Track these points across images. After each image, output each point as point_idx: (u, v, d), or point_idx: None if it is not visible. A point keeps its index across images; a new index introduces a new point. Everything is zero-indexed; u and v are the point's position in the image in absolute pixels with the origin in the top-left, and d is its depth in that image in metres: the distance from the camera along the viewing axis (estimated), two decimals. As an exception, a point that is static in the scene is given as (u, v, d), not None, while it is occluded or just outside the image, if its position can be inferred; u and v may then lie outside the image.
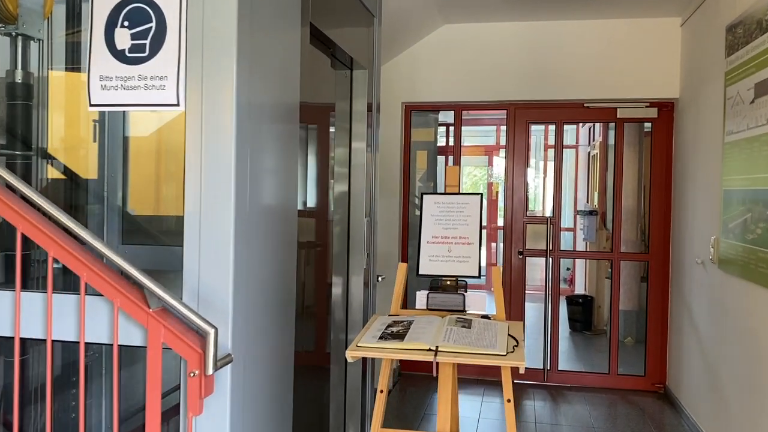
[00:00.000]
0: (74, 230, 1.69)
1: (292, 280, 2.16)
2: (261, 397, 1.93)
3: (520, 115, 4.86)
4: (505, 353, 1.78)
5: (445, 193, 2.31)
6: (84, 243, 1.71)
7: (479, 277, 2.19)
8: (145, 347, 1.68)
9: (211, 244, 1.74)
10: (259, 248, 1.90)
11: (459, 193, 2.31)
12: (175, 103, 1.77)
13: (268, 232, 1.98)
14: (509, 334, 1.95)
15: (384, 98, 4.88)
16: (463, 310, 2.15)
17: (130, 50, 1.78)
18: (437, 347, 1.80)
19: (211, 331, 1.60)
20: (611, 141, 7.92)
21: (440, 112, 7.95)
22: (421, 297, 2.19)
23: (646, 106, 4.67)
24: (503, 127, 8.98)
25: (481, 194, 2.29)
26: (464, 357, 1.78)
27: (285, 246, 2.12)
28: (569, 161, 9.53)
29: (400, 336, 1.90)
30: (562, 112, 4.80)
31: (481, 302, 2.16)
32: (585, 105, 4.74)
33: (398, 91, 4.91)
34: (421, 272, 2.24)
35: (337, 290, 3.19)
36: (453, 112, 5.01)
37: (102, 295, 1.71)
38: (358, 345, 1.86)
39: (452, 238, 2.26)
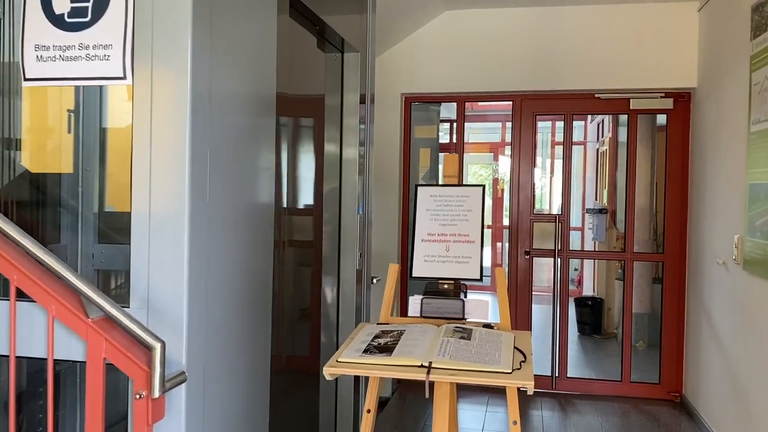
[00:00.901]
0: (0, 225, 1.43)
1: (267, 282, 1.90)
2: (227, 420, 1.66)
3: (527, 107, 4.58)
4: (510, 370, 1.51)
5: (442, 185, 2.04)
6: (17, 242, 1.45)
7: (481, 279, 1.92)
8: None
9: (162, 244, 1.48)
10: (224, 248, 1.64)
11: (458, 185, 2.04)
12: (121, 75, 1.51)
13: (237, 231, 1.73)
14: (515, 347, 1.68)
15: (382, 90, 4.62)
16: (463, 318, 1.88)
17: (70, 14, 1.52)
18: (431, 363, 1.53)
19: (157, 346, 1.34)
20: (621, 138, 7.63)
21: (442, 107, 7.68)
22: (414, 303, 1.92)
23: (661, 97, 4.38)
24: (509, 124, 8.69)
25: (483, 186, 2.01)
26: (462, 375, 1.51)
27: (259, 245, 1.86)
28: (577, 158, 9.23)
29: (387, 349, 1.63)
30: (572, 104, 4.52)
31: (483, 309, 1.89)
32: (596, 96, 4.46)
33: (397, 81, 4.64)
34: (414, 274, 1.97)
35: (327, 293, 2.93)
36: (455, 104, 4.73)
37: (37, 302, 1.45)
38: (338, 360, 1.59)
39: (450, 235, 1.99)
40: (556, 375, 4.57)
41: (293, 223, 2.63)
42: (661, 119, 6.69)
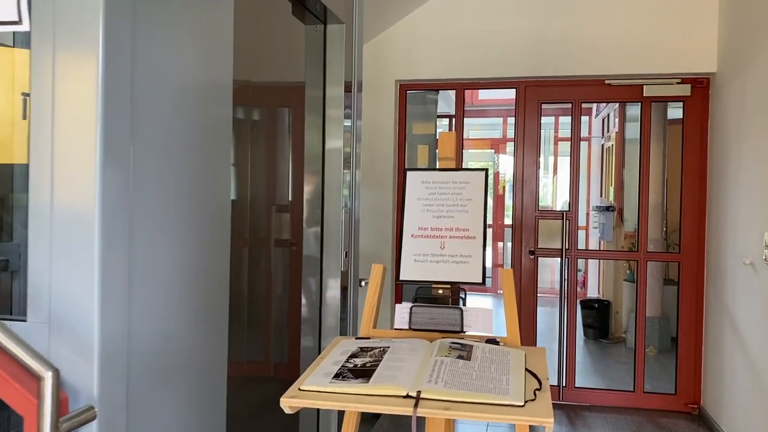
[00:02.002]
0: None
1: (221, 287, 1.55)
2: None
3: (531, 95, 4.23)
4: (522, 403, 1.16)
5: (436, 169, 1.70)
6: None
7: (483, 283, 1.57)
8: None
9: (68, 243, 1.13)
10: (161, 250, 1.30)
11: (456, 169, 1.69)
12: (16, 19, 1.16)
13: (183, 231, 1.38)
14: (527, 369, 1.33)
15: (375, 76, 4.27)
16: (461, 331, 1.53)
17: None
18: (419, 393, 1.18)
19: (46, 375, 1.00)
20: (629, 133, 7.29)
21: (440, 101, 7.32)
22: (401, 312, 1.57)
23: (677, 83, 4.04)
24: (510, 119, 8.34)
25: (487, 170, 1.67)
26: (460, 409, 1.16)
27: (212, 246, 1.51)
28: (582, 154, 8.88)
29: (365, 373, 1.28)
30: (580, 91, 4.17)
31: (486, 319, 1.54)
32: (606, 82, 4.12)
33: (391, 67, 4.29)
34: (402, 277, 1.62)
35: (308, 297, 2.58)
36: (454, 93, 4.38)
37: None
38: (301, 388, 1.25)
39: (446, 230, 1.64)
40: (563, 385, 4.22)
41: (265, 221, 2.28)
42: (673, 113, 6.36)
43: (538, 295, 4.30)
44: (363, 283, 2.81)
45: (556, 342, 4.28)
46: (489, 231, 8.97)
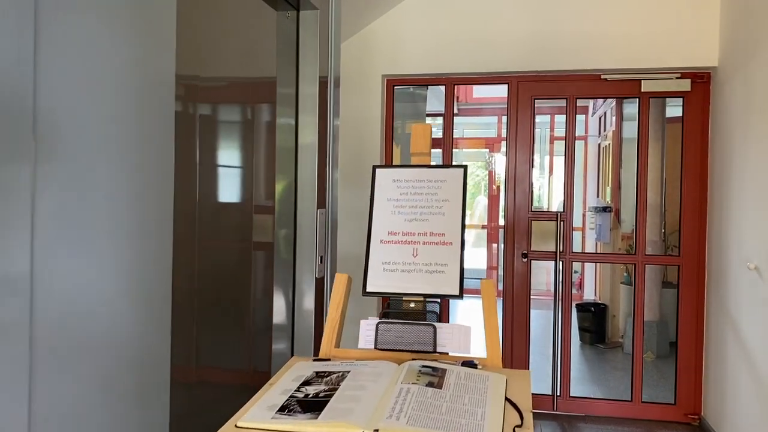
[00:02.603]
0: None
1: (161, 296, 1.36)
2: None
3: (524, 90, 4.04)
4: (499, 445, 0.97)
5: (408, 166, 1.50)
6: None
7: (460, 296, 1.38)
8: None
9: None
10: (70, 256, 1.10)
11: (431, 166, 1.50)
12: None
13: (105, 235, 1.19)
14: (507, 399, 1.13)
15: (360, 71, 4.08)
16: (434, 351, 1.34)
17: None
18: (376, 432, 0.99)
19: None
20: (626, 132, 7.11)
21: (430, 100, 7.12)
22: (366, 329, 1.37)
23: (677, 78, 3.85)
24: (505, 118, 8.18)
25: (465, 167, 1.47)
26: (424, 452, 0.97)
27: (146, 250, 1.31)
28: (577, 154, 8.70)
29: (316, 406, 1.09)
30: (575, 86, 3.98)
31: (464, 337, 1.34)
32: (602, 77, 3.93)
33: (378, 62, 4.10)
34: (369, 289, 1.42)
35: (279, 305, 2.38)
36: (444, 88, 4.19)
37: None
38: (238, 425, 1.05)
39: (420, 234, 1.45)
40: (558, 394, 4.03)
41: (230, 222, 2.09)
42: (671, 111, 6.17)
43: (532, 297, 4.11)
44: (341, 290, 2.61)
45: (550, 347, 4.09)
46: (483, 232, 8.77)
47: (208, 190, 1.86)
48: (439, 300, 1.43)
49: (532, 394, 4.24)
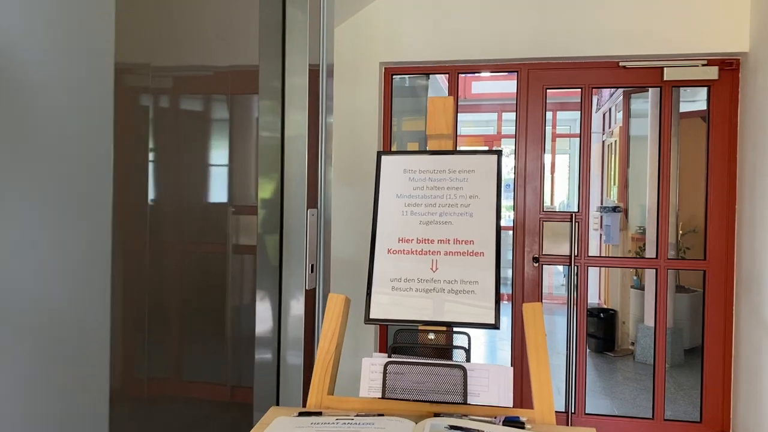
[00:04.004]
0: None
1: (98, 302, 1.01)
2: None
3: (535, 79, 3.70)
4: None
5: (425, 152, 1.15)
6: None
7: (497, 326, 1.03)
8: None
9: None
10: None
11: (455, 152, 1.15)
12: None
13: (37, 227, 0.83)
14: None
15: (356, 59, 3.73)
16: (464, 402, 0.98)
17: None
18: None
19: None
20: (633, 129, 6.79)
21: (429, 92, 6.77)
22: (372, 370, 1.02)
23: (703, 65, 3.52)
24: (506, 114, 7.82)
25: (500, 151, 1.12)
26: None
27: (85, 248, 0.96)
28: (576, 151, 8.39)
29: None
30: (590, 74, 3.65)
31: (503, 382, 0.99)
32: (620, 64, 3.59)
33: (375, 48, 3.75)
34: (373, 315, 1.07)
35: (262, 319, 2.03)
36: (447, 75, 3.85)
37: None
38: None
39: (440, 242, 1.10)
40: (572, 411, 3.69)
41: (203, 225, 1.73)
42: (685, 106, 5.85)
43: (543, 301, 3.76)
44: (336, 303, 2.26)
45: (559, 355, 3.76)
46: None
47: (165, 189, 1.50)
48: (467, 331, 1.08)
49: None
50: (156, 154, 1.48)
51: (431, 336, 1.06)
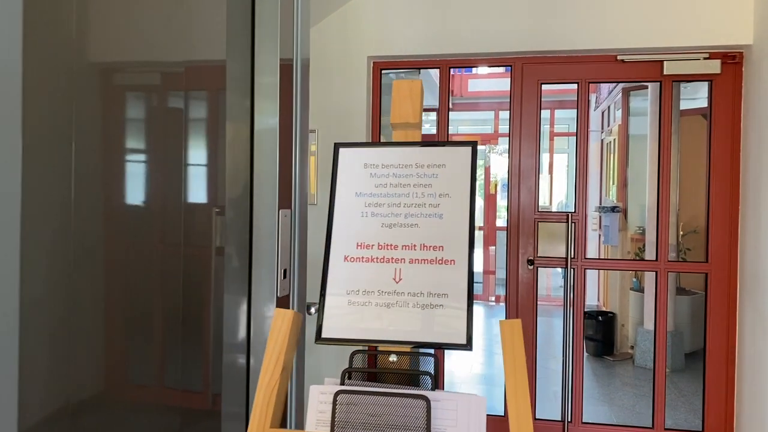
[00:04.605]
0: None
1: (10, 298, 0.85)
2: None
3: (530, 73, 3.55)
4: None
5: (388, 144, 1.00)
6: None
7: (469, 347, 0.88)
8: None
9: None
10: None
11: (423, 143, 1.00)
12: None
13: None
14: None
15: (343, 53, 3.58)
16: (428, 439, 0.83)
17: None
18: None
19: None
20: (632, 127, 6.64)
21: (423, 90, 6.62)
22: (319, 400, 0.87)
23: (705, 58, 3.37)
24: (502, 113, 7.68)
25: (475, 143, 0.97)
26: None
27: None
28: (574, 150, 8.24)
29: None
30: (587, 68, 3.50)
31: (475, 415, 0.84)
32: (619, 58, 3.44)
33: (363, 42, 3.60)
34: (325, 334, 0.92)
35: (232, 324, 1.88)
36: (438, 70, 3.70)
37: None
38: None
39: (405, 248, 0.95)
40: (569, 420, 3.53)
41: (165, 226, 1.57)
42: (685, 104, 5.70)
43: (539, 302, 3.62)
44: (313, 310, 2.12)
45: (555, 360, 3.61)
46: (479, 234, 8.28)
47: (119, 190, 1.35)
48: (433, 352, 0.93)
49: (537, 419, 3.76)
50: (110, 153, 1.33)
51: (393, 358, 0.91)
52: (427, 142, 0.99)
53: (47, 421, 1.12)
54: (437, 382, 0.89)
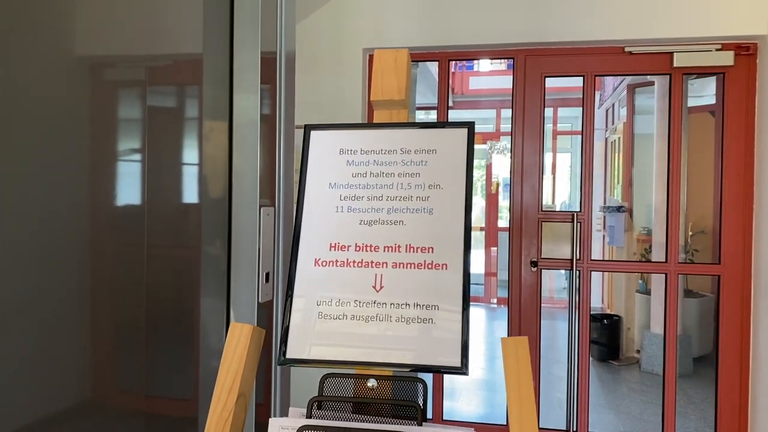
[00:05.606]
0: None
1: None
2: None
3: (533, 66, 3.39)
4: None
5: (367, 126, 0.84)
6: None
7: (464, 370, 0.72)
8: None
9: None
10: None
11: (411, 125, 0.84)
12: None
13: None
14: None
15: (337, 45, 3.43)
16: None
17: None
18: None
19: None
20: (638, 125, 6.48)
21: (418, 91, 6.47)
22: (281, 429, 0.71)
23: (717, 50, 3.21)
24: (504, 111, 7.51)
25: (471, 123, 0.81)
26: None
27: None
28: (578, 149, 8.07)
29: None
30: (593, 61, 3.34)
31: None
32: (626, 50, 3.28)
33: (358, 33, 3.44)
34: (290, 354, 0.76)
35: (209, 331, 1.72)
36: (437, 63, 3.54)
37: None
38: None
39: (387, 250, 0.79)
40: (574, 429, 3.37)
41: (128, 227, 1.42)
42: (693, 101, 5.54)
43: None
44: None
45: (558, 365, 3.44)
46: (481, 234, 8.12)
47: (83, 187, 1.20)
48: (418, 376, 0.77)
49: (541, 428, 3.60)
50: (77, 150, 1.17)
51: (372, 384, 0.75)
52: (416, 123, 0.83)
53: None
54: (425, 415, 0.73)
